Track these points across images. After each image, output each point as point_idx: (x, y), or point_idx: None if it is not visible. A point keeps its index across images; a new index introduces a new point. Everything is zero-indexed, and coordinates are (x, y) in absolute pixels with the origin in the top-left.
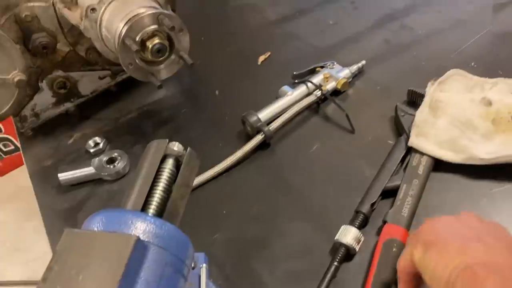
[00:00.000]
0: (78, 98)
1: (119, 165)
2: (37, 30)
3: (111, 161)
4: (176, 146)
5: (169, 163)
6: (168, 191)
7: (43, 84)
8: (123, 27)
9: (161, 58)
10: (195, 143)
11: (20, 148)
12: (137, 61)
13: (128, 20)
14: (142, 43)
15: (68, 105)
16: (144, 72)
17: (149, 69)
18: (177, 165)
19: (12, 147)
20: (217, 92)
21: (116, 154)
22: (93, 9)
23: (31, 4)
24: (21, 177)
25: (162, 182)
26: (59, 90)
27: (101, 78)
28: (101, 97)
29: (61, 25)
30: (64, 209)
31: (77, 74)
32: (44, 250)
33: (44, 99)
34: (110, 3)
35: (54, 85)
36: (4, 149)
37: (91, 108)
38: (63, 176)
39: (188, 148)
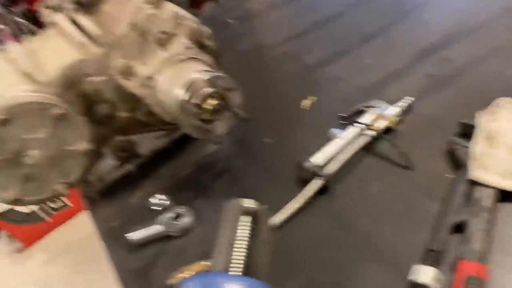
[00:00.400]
0: (138, 158)
1: (185, 220)
2: (99, 101)
3: (177, 217)
4: (249, 203)
5: (247, 221)
6: (250, 248)
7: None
8: (182, 92)
9: (214, 118)
10: (253, 193)
11: (88, 210)
12: (195, 122)
13: (187, 86)
14: (199, 105)
15: (129, 166)
16: (202, 131)
17: (206, 127)
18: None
19: (62, 204)
20: (267, 140)
21: (180, 210)
22: (150, 78)
23: (93, 79)
24: (69, 232)
25: (244, 240)
26: (121, 153)
27: (157, 139)
28: (159, 155)
29: (120, 94)
30: (137, 267)
31: (136, 136)
32: None
33: (106, 163)
34: (165, 71)
35: (115, 149)
36: (53, 206)
37: (150, 167)
38: (132, 236)
39: (261, 206)
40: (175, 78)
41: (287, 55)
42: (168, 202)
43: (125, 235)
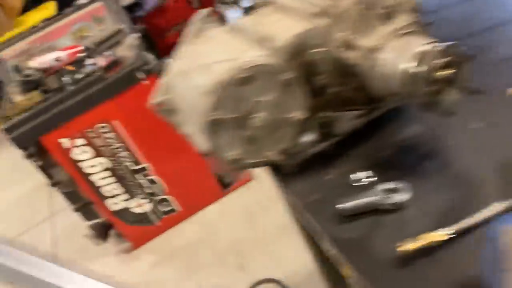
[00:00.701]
0: (335, 136)
1: (400, 195)
2: (317, 72)
3: (390, 191)
4: None
5: None
6: None
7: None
8: (412, 64)
9: (446, 89)
10: (467, 177)
11: (280, 185)
12: (424, 93)
13: (418, 58)
14: (430, 76)
15: (325, 143)
16: (430, 103)
17: (434, 100)
18: None
19: (171, 207)
20: (474, 125)
21: (394, 184)
22: (374, 50)
23: (317, 49)
24: (177, 237)
25: None
26: (322, 129)
27: (357, 117)
28: (353, 136)
29: (337, 67)
30: (352, 238)
31: (336, 114)
32: None
33: (306, 137)
34: (389, 44)
35: (319, 124)
36: (164, 209)
37: (345, 146)
38: (344, 206)
39: None
40: (402, 51)
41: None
42: (375, 179)
43: (336, 206)
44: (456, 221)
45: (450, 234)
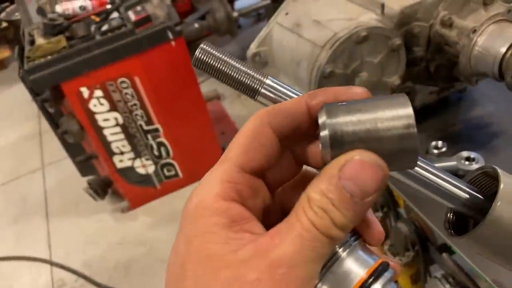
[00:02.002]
0: (413, 107)
1: (477, 165)
2: (415, 44)
3: (468, 159)
4: None
5: None
6: None
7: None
8: (505, 49)
9: None
10: None
11: None
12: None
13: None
14: None
15: None
16: None
17: None
18: None
19: (173, 172)
20: None
21: (473, 155)
22: (475, 31)
23: (420, 23)
24: (175, 202)
25: None
26: None
27: (431, 93)
28: (424, 110)
29: (431, 42)
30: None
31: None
32: None
33: None
34: (486, 28)
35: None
36: (167, 174)
37: (416, 118)
38: None
39: None
40: (498, 36)
41: None
42: (445, 149)
43: None
44: None
45: None
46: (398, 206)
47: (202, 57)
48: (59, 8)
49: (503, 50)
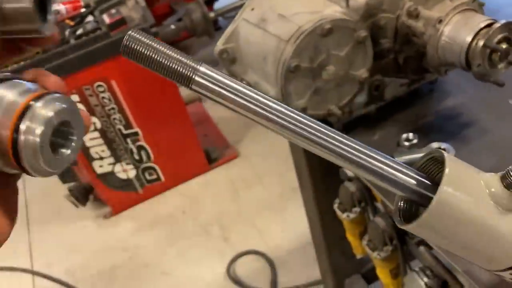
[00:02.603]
0: (383, 100)
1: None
2: (381, 37)
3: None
4: None
5: None
6: None
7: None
8: (470, 38)
9: (501, 61)
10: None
11: None
12: (485, 63)
13: (475, 32)
14: (490, 48)
15: (372, 107)
16: (482, 73)
17: (489, 71)
18: None
19: (155, 176)
20: (510, 102)
21: (444, 146)
22: (440, 21)
23: (386, 14)
24: (157, 207)
25: None
26: (374, 92)
27: (404, 85)
28: (395, 103)
29: (398, 34)
30: None
31: (389, 78)
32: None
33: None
34: (451, 18)
35: (371, 86)
36: (148, 178)
37: (387, 111)
38: (399, 159)
39: None
40: (464, 25)
41: None
42: (416, 141)
43: (393, 155)
44: None
45: None
46: (375, 200)
47: (130, 44)
48: None
49: (469, 39)
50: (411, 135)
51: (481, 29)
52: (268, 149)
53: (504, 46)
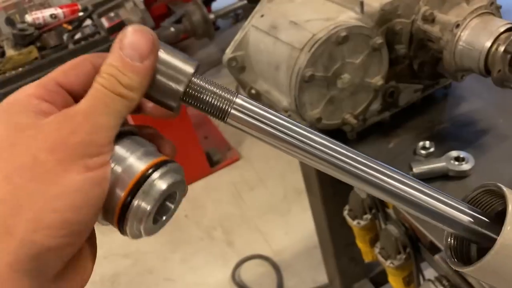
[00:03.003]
0: (397, 107)
1: (467, 165)
2: (396, 42)
3: (457, 159)
4: None
5: None
6: None
7: None
8: (490, 43)
9: None
10: None
11: None
12: (506, 69)
13: (495, 37)
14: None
15: (386, 114)
16: (502, 79)
17: (509, 76)
18: None
19: None
20: None
21: (463, 155)
22: (458, 25)
23: (401, 20)
24: None
25: None
26: (388, 99)
27: (416, 92)
28: (409, 109)
29: (414, 39)
30: None
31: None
32: (195, 280)
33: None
34: (469, 22)
35: (386, 93)
36: None
37: (401, 118)
38: (417, 170)
39: None
40: (482, 30)
41: None
42: (433, 149)
43: (411, 165)
44: None
45: None
46: (386, 207)
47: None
48: (29, 18)
49: (488, 44)
50: (427, 143)
51: (501, 33)
52: (270, 151)
53: None
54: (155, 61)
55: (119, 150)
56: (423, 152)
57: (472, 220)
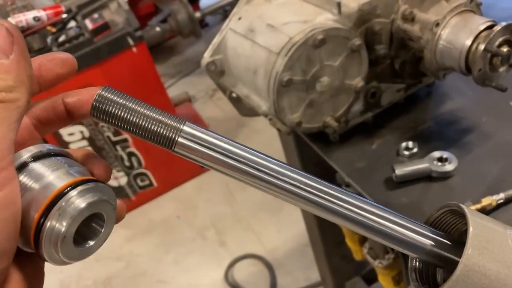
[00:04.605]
0: (379, 107)
1: (450, 165)
2: (375, 43)
3: (440, 160)
4: None
5: None
6: None
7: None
8: (470, 41)
9: (503, 65)
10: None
11: (323, 154)
12: (486, 68)
13: (475, 34)
14: (491, 51)
15: (368, 115)
16: (483, 78)
17: (490, 75)
18: None
19: (147, 182)
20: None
21: (446, 155)
22: (438, 24)
23: (380, 20)
24: (153, 211)
25: None
26: (370, 100)
27: (401, 90)
28: (392, 109)
29: (393, 39)
30: (405, 203)
31: (385, 85)
32: (188, 281)
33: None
34: (449, 20)
35: (367, 94)
36: (140, 184)
37: (384, 118)
38: (400, 171)
39: None
40: (462, 28)
41: None
42: (416, 149)
43: (395, 171)
44: (502, 190)
45: (498, 200)
46: None
47: (101, 106)
48: (11, 21)
49: (468, 43)
50: (410, 143)
51: (481, 31)
52: (262, 148)
53: (505, 49)
54: (22, 50)
55: (40, 168)
56: (406, 153)
57: (434, 244)
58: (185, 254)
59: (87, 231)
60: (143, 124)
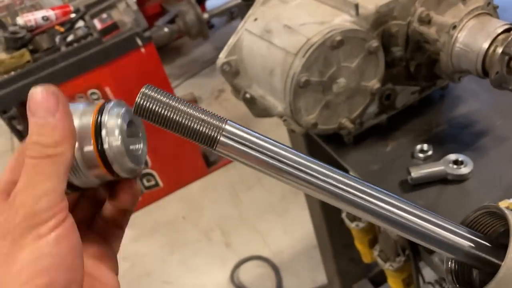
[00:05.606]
0: (394, 109)
1: (466, 168)
2: (392, 45)
3: (456, 163)
4: None
5: None
6: None
7: None
8: (487, 44)
9: None
10: None
11: (336, 155)
12: (504, 71)
13: (492, 38)
14: (508, 54)
15: (383, 117)
16: (500, 81)
17: (507, 78)
18: None
19: (153, 182)
20: None
21: (461, 158)
22: (455, 26)
23: (397, 22)
24: (158, 211)
25: None
26: (385, 102)
27: (413, 93)
28: (406, 111)
29: (410, 41)
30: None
31: (400, 87)
32: (193, 282)
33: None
34: (466, 23)
35: (382, 96)
36: (146, 184)
37: (399, 120)
38: (415, 174)
39: None
40: (479, 31)
41: None
42: (431, 152)
43: (410, 173)
44: None
45: None
46: None
47: (144, 103)
48: (20, 20)
49: (486, 45)
50: (425, 146)
51: (498, 34)
52: None
53: None
54: (66, 108)
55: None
56: (421, 155)
57: (473, 245)
58: (191, 255)
59: (133, 139)
60: (185, 122)
